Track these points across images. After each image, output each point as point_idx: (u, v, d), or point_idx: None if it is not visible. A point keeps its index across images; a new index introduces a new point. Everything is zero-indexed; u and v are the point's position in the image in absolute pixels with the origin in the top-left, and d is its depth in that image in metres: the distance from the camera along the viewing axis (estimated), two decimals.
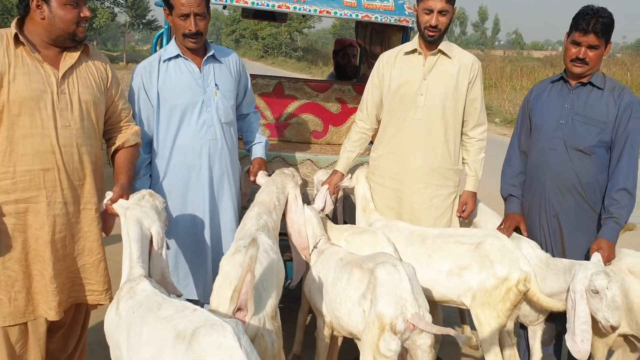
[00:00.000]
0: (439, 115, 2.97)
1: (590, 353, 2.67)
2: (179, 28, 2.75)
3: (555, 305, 2.62)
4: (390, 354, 2.14)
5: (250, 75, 4.34)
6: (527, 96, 3.03)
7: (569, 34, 2.77)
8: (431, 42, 2.94)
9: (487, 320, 2.63)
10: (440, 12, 2.85)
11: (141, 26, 42.95)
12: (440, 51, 2.96)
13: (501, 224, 2.99)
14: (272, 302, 2.09)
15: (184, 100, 2.81)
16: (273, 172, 2.98)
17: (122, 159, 2.62)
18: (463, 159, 3.13)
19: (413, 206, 3.06)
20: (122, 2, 39.70)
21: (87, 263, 2.53)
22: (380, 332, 2.14)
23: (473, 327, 2.85)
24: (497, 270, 2.63)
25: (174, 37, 2.88)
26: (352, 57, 5.13)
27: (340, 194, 3.40)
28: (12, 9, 22.90)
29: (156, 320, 1.80)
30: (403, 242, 2.88)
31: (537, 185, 2.89)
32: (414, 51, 3.01)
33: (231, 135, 2.96)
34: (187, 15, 2.70)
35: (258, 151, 3.10)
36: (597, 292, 2.44)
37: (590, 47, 2.68)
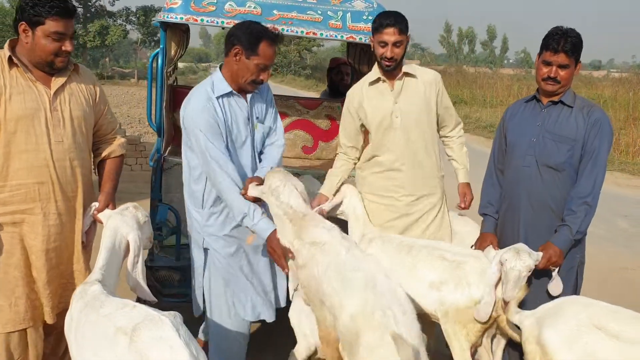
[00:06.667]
0: (416, 133, 3.10)
1: None
2: (252, 73, 2.72)
3: (517, 338, 2.67)
4: None
5: None
6: (504, 115, 3.11)
7: (539, 54, 2.85)
8: (388, 72, 3.05)
9: (457, 336, 2.71)
10: (394, 44, 2.95)
11: (153, 43, 43.51)
12: (405, 73, 3.08)
13: (475, 243, 3.07)
14: None
15: (242, 135, 2.84)
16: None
17: (108, 168, 2.76)
18: (449, 156, 3.32)
19: (403, 219, 3.17)
20: (134, 20, 40.42)
21: (76, 270, 2.65)
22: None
23: None
24: (472, 292, 2.69)
25: (218, 69, 2.83)
26: (346, 75, 5.22)
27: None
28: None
29: (97, 318, 1.92)
30: (393, 251, 2.97)
31: (512, 201, 2.97)
32: (377, 80, 3.11)
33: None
34: (266, 67, 2.75)
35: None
36: (502, 264, 2.61)
37: (561, 66, 2.75)
